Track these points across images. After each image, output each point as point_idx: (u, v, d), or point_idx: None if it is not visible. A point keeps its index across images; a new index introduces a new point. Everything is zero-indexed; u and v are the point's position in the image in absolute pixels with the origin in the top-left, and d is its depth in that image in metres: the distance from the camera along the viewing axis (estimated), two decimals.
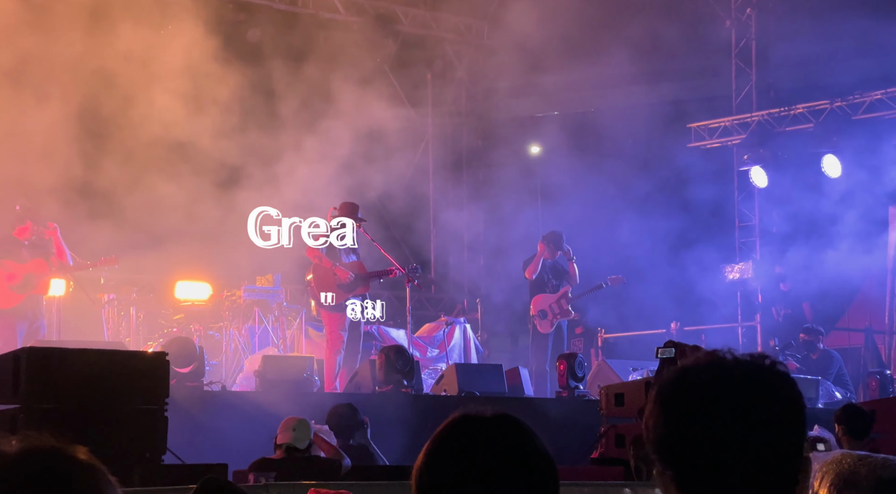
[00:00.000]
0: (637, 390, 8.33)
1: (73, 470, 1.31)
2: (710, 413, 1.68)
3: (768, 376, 1.72)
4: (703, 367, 1.74)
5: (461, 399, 10.39)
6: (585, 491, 6.26)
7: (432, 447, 1.91)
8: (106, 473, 1.34)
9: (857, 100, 14.89)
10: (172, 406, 6.54)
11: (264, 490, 5.37)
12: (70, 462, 1.31)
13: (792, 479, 1.69)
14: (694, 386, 1.71)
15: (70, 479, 1.29)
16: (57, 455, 1.31)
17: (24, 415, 5.90)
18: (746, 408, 1.68)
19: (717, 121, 16.31)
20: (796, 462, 1.71)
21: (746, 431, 1.67)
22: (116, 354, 7.45)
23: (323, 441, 7.42)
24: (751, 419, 1.68)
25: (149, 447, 6.16)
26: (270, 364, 10.58)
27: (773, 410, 1.69)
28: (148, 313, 13.24)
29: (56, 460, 1.31)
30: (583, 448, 8.97)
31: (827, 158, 14.78)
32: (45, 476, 1.28)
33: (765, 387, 1.71)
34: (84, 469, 1.32)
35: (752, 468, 1.66)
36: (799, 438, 1.71)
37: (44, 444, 1.32)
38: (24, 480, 1.27)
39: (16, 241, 10.96)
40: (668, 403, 1.73)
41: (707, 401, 1.69)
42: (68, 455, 1.32)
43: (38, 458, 1.30)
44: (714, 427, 1.67)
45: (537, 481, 1.89)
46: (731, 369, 1.72)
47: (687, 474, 1.69)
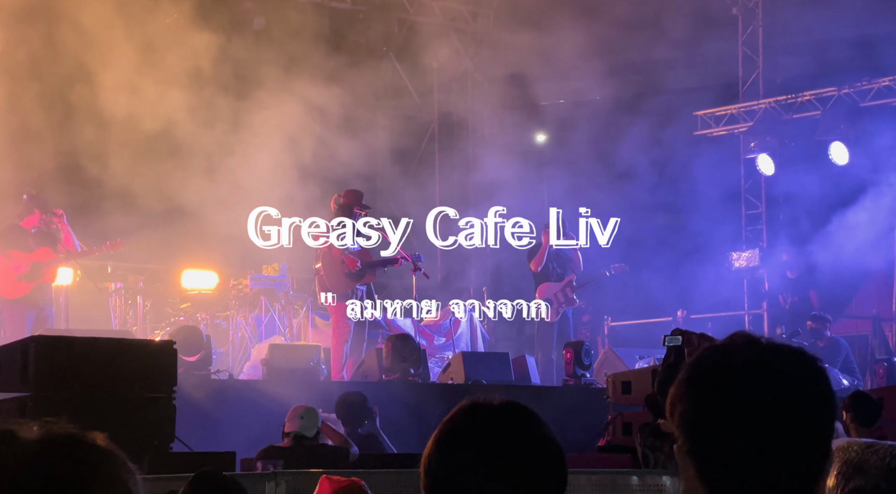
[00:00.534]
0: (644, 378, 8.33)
1: (93, 457, 1.31)
2: (745, 398, 1.64)
3: (805, 363, 1.68)
4: (739, 350, 1.69)
5: (468, 387, 10.40)
6: (593, 479, 6.26)
7: (441, 434, 1.92)
8: (125, 460, 1.34)
9: (864, 87, 14.84)
10: (180, 394, 6.56)
11: (272, 478, 5.39)
12: (90, 449, 1.32)
13: (819, 469, 1.65)
14: (729, 368, 1.67)
15: (90, 466, 1.30)
16: (77, 441, 1.32)
17: (32, 403, 5.92)
18: (782, 394, 1.64)
19: (724, 108, 16.27)
20: (826, 452, 1.67)
21: (780, 418, 1.63)
22: (124, 343, 7.48)
23: (330, 430, 7.43)
24: (785, 405, 1.64)
25: (157, 435, 6.18)
26: (277, 352, 10.60)
27: (808, 398, 1.65)
28: (155, 302, 13.27)
29: (77, 447, 1.31)
30: (590, 437, 8.98)
31: (834, 146, 14.74)
32: (65, 462, 1.29)
33: (802, 374, 1.67)
34: (104, 456, 1.32)
35: (781, 457, 1.63)
36: (830, 428, 1.67)
37: (64, 431, 1.32)
38: (45, 466, 1.27)
39: (22, 231, 10.98)
40: (701, 384, 1.68)
41: (742, 385, 1.65)
42: (88, 441, 1.32)
43: (59, 445, 1.30)
44: (747, 412, 1.63)
45: (546, 468, 1.90)
46: (768, 353, 1.68)
47: (711, 458, 1.65)
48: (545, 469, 1.90)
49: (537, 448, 1.90)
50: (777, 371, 1.65)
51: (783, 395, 1.64)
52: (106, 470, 1.31)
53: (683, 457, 1.68)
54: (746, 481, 1.63)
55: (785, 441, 1.63)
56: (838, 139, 14.73)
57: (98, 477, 1.29)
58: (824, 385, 1.68)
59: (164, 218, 13.25)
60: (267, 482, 5.38)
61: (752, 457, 1.62)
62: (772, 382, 1.64)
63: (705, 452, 1.65)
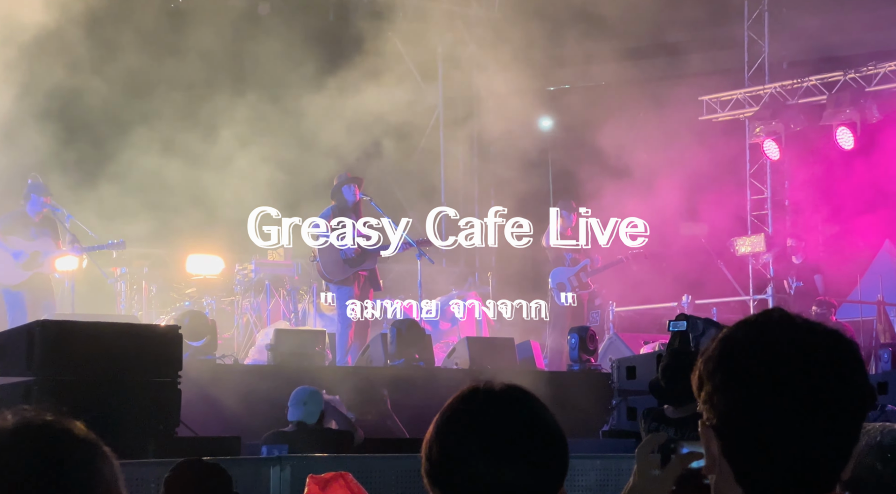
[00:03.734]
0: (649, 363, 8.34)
1: (66, 445, 1.30)
2: (777, 376, 1.60)
3: (840, 344, 1.64)
4: (774, 327, 1.65)
5: (473, 372, 10.41)
6: (597, 464, 6.27)
7: (442, 419, 1.92)
8: (102, 447, 1.33)
9: (870, 71, 14.79)
10: (185, 379, 6.57)
11: (277, 463, 5.40)
12: (64, 438, 1.31)
13: (848, 451, 1.62)
14: (763, 346, 1.62)
15: (64, 455, 1.29)
16: (52, 430, 1.31)
17: (37, 388, 5.93)
18: (815, 375, 1.60)
19: (730, 93, 16.22)
20: (856, 435, 1.63)
21: (812, 398, 1.59)
22: (130, 327, 7.49)
23: (335, 412, 7.42)
24: (818, 386, 1.59)
25: (162, 419, 6.19)
26: (282, 337, 10.61)
27: (841, 380, 1.61)
28: (160, 287, 13.29)
29: (51, 435, 1.30)
30: (594, 421, 9.00)
31: (840, 130, 14.71)
32: (38, 452, 1.28)
33: (836, 356, 1.63)
34: (79, 445, 1.31)
35: (811, 438, 1.59)
36: (861, 410, 1.63)
37: (38, 419, 1.31)
38: (17, 456, 1.27)
39: (25, 217, 10.96)
40: (733, 360, 1.64)
41: (775, 363, 1.61)
42: (63, 429, 1.31)
43: (33, 433, 1.30)
44: (779, 391, 1.59)
45: (547, 452, 1.90)
46: (803, 332, 1.64)
47: (738, 435, 1.62)
48: (546, 454, 1.89)
49: (538, 433, 1.90)
50: (811, 350, 1.62)
51: (816, 375, 1.60)
52: (79, 458, 1.30)
53: (708, 432, 1.65)
54: (773, 460, 1.60)
55: (815, 423, 1.59)
56: (844, 124, 14.69)
57: (71, 465, 1.29)
58: (858, 367, 1.64)
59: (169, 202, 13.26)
60: (272, 466, 5.39)
61: (781, 437, 1.59)
62: (805, 362, 1.60)
63: (732, 429, 1.62)
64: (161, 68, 13.64)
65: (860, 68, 14.84)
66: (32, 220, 10.96)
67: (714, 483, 1.69)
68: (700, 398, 1.67)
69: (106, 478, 1.31)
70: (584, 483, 6.09)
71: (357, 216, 11.90)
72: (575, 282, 13.10)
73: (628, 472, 5.91)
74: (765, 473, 1.60)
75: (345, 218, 11.78)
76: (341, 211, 11.80)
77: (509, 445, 1.86)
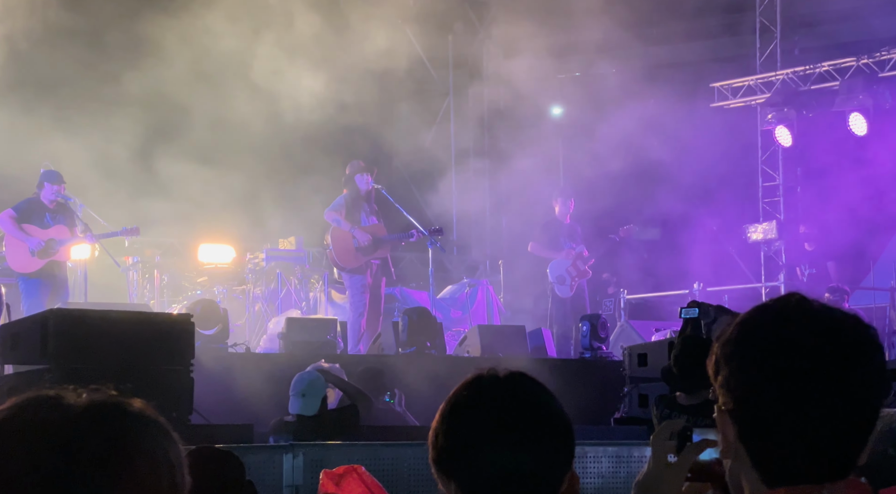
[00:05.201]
0: (660, 350, 8.34)
1: (137, 424, 1.36)
2: (794, 361, 1.59)
3: (859, 330, 1.62)
4: (791, 312, 1.63)
5: (484, 360, 10.42)
6: (609, 451, 6.28)
7: (447, 407, 1.92)
8: (168, 428, 1.38)
9: (883, 57, 14.72)
10: (198, 367, 6.60)
11: (290, 450, 5.42)
12: (134, 416, 1.36)
13: (865, 438, 1.61)
14: (780, 330, 1.61)
15: (134, 432, 1.34)
16: (121, 408, 1.36)
17: (51, 376, 5.96)
18: (832, 360, 1.58)
19: (741, 80, 16.15)
20: (872, 422, 1.62)
21: (829, 384, 1.57)
22: (142, 316, 7.52)
23: (338, 380, 7.35)
24: (835, 372, 1.58)
25: (176, 407, 6.22)
26: (294, 326, 10.63)
27: (859, 366, 1.60)
28: (172, 276, 13.33)
29: (121, 413, 1.35)
30: (606, 409, 9.00)
31: (853, 116, 14.64)
32: (111, 428, 1.33)
33: (854, 341, 1.61)
34: (147, 423, 1.37)
35: (827, 423, 1.58)
36: (879, 397, 1.62)
37: (108, 398, 1.37)
38: (90, 432, 1.32)
39: (40, 205, 11.00)
40: (750, 344, 1.62)
41: (792, 348, 1.59)
42: (132, 408, 1.36)
43: (104, 411, 1.35)
44: (795, 376, 1.58)
45: (552, 439, 1.90)
46: (821, 316, 1.62)
47: (754, 420, 1.61)
48: (551, 440, 1.90)
49: (543, 419, 1.90)
50: (829, 335, 1.60)
51: (834, 360, 1.58)
52: (148, 437, 1.35)
53: (723, 417, 1.65)
54: (789, 445, 1.59)
55: (832, 408, 1.58)
56: (857, 110, 14.63)
57: (141, 444, 1.33)
58: (876, 352, 1.62)
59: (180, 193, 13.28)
60: (284, 454, 5.41)
61: (798, 422, 1.58)
62: (823, 346, 1.59)
63: (749, 413, 1.61)
64: None
65: (873, 54, 14.76)
66: (47, 208, 10.99)
67: (729, 468, 1.69)
68: (716, 382, 1.66)
69: (171, 462, 1.35)
70: (596, 469, 6.10)
71: (370, 205, 11.90)
72: (573, 272, 13.07)
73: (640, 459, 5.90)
74: (781, 457, 1.60)
75: (357, 206, 11.78)
76: (354, 200, 11.80)
77: (514, 432, 1.87)
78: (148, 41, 13.25)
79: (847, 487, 1.58)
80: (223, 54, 13.38)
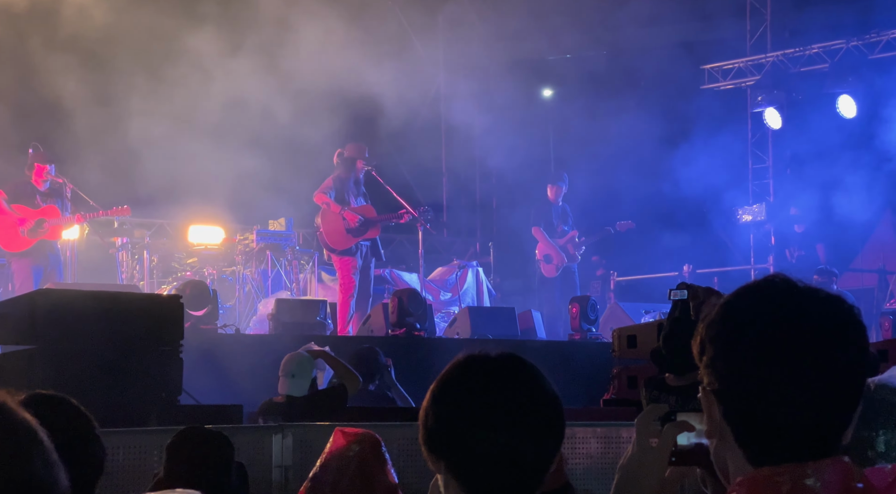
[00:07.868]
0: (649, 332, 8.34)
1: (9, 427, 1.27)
2: (778, 342, 1.59)
3: (842, 311, 1.63)
4: (776, 293, 1.63)
5: (474, 342, 10.44)
6: (598, 432, 6.30)
7: (437, 387, 1.93)
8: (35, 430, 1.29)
9: (873, 39, 14.72)
10: (187, 348, 6.58)
11: (279, 431, 5.42)
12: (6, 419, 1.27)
13: (848, 417, 1.62)
14: (764, 311, 1.62)
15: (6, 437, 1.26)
16: None
17: (39, 356, 5.95)
18: (816, 340, 1.59)
19: (731, 62, 16.15)
20: (856, 401, 1.62)
21: (812, 364, 1.58)
22: (131, 296, 7.50)
23: (329, 357, 7.35)
24: (819, 352, 1.59)
25: (165, 388, 6.21)
26: (284, 307, 10.63)
27: (842, 346, 1.60)
28: (161, 257, 13.30)
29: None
30: (595, 390, 9.02)
31: (842, 98, 14.65)
32: None
33: (837, 322, 1.62)
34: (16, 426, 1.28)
35: (811, 403, 1.59)
36: (861, 376, 1.63)
37: None
38: None
39: (31, 186, 11.04)
40: (734, 324, 1.63)
41: (776, 329, 1.60)
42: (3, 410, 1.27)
43: None
44: (779, 356, 1.59)
45: (542, 420, 1.91)
46: (805, 297, 1.62)
47: (739, 400, 1.62)
48: (542, 420, 1.90)
49: (534, 400, 1.91)
50: (813, 315, 1.61)
51: (818, 340, 1.60)
52: (13, 444, 1.26)
53: (708, 397, 1.66)
54: (774, 424, 1.60)
55: (816, 387, 1.59)
56: (846, 92, 14.64)
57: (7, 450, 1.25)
58: (859, 332, 1.63)
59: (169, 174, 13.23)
60: (274, 434, 5.41)
61: (782, 401, 1.59)
62: (807, 326, 1.60)
63: (734, 393, 1.62)
64: None
65: (863, 36, 14.76)
66: (37, 189, 11.02)
67: (714, 448, 1.70)
68: (702, 363, 1.67)
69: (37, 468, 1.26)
70: (584, 450, 6.13)
71: (358, 187, 11.88)
72: (562, 253, 13.11)
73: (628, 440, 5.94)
74: (765, 437, 1.61)
75: (346, 188, 11.77)
76: (343, 181, 11.79)
77: (504, 412, 1.87)
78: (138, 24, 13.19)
79: (831, 465, 1.59)
80: (210, 33, 13.31)
